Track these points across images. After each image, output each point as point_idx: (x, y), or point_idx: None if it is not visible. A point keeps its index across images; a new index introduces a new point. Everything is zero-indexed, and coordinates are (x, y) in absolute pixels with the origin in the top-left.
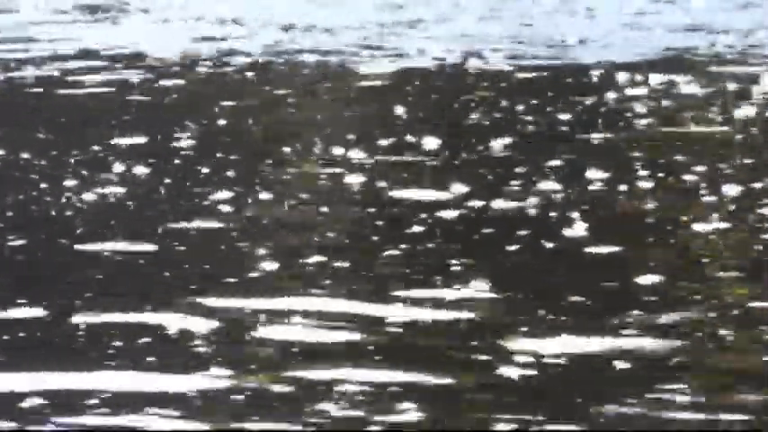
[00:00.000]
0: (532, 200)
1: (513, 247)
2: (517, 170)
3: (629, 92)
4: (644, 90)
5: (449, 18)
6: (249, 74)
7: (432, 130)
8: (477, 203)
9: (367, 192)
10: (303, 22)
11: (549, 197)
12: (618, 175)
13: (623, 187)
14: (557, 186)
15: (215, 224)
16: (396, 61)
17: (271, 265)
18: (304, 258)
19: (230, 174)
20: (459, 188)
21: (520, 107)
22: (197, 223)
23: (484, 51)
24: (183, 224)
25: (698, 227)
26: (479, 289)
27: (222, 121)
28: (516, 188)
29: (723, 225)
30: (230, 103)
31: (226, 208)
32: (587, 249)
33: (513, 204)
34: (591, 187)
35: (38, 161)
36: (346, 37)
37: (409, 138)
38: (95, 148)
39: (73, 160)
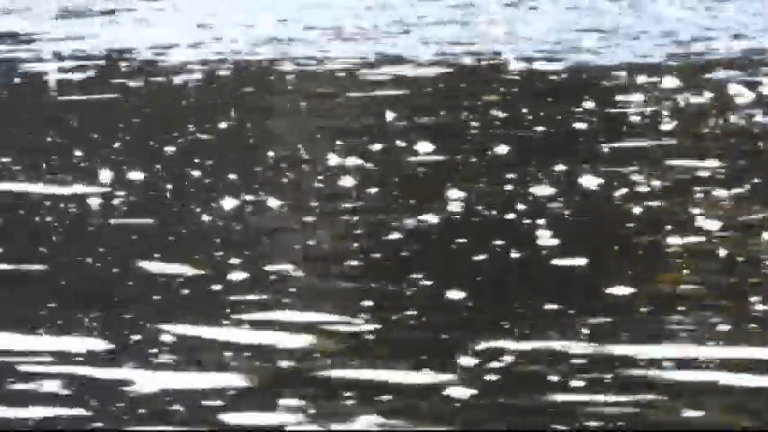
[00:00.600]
0: (521, 206)
1: (488, 254)
2: (510, 176)
3: (630, 96)
4: (643, 95)
5: (450, 20)
6: (247, 78)
7: (428, 135)
8: (465, 209)
9: (357, 196)
10: (304, 26)
11: (538, 204)
12: (610, 181)
13: (615, 194)
14: (547, 193)
15: (202, 227)
16: (396, 65)
17: (261, 267)
18: (284, 261)
19: (222, 178)
20: (447, 193)
21: (521, 111)
22: (188, 224)
23: (486, 55)
24: (175, 226)
25: (682, 239)
26: (449, 295)
27: (219, 126)
28: (507, 194)
29: (707, 238)
30: (228, 107)
31: (215, 212)
32: (566, 257)
33: (500, 210)
34: (583, 194)
35: (35, 163)
36: (345, 40)
37: (404, 143)
38: (86, 152)
39: (65, 163)
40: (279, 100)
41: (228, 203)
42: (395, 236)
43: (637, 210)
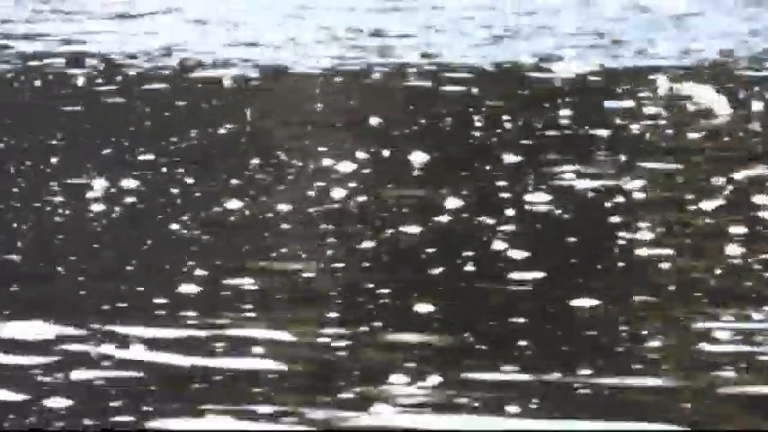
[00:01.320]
0: (511, 215)
1: (467, 267)
2: (503, 183)
3: (626, 102)
4: (635, 101)
5: (449, 26)
6: (246, 84)
7: (424, 142)
8: (455, 218)
9: (347, 203)
10: (308, 28)
11: (527, 213)
12: (605, 190)
13: (609, 204)
14: (540, 201)
15: (194, 232)
16: (399, 70)
17: (237, 272)
18: (253, 268)
19: (213, 183)
20: (434, 201)
21: (518, 116)
22: (182, 228)
23: (490, 59)
24: (168, 230)
25: (661, 251)
26: (417, 309)
27: (213, 131)
28: (499, 202)
29: (682, 250)
30: (224, 113)
31: (208, 216)
32: (539, 270)
33: (489, 219)
34: (579, 204)
35: (37, 165)
36: (347, 45)
37: (399, 151)
38: (79, 156)
39: (57, 168)
40: (272, 106)
41: (216, 208)
42: (377, 245)
43: (631, 220)
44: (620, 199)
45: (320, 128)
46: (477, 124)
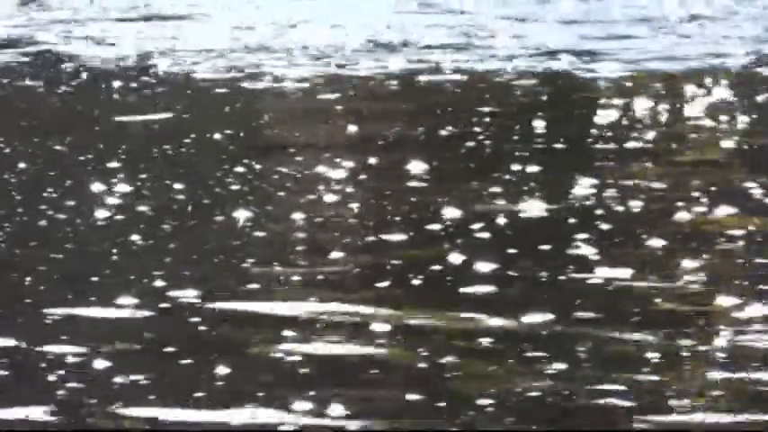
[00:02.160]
0: (503, 222)
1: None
2: (497, 189)
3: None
4: (621, 111)
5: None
6: (244, 87)
7: (423, 147)
8: (448, 226)
9: (340, 209)
10: (311, 29)
11: (517, 222)
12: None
13: (596, 209)
14: (531, 207)
15: (194, 235)
16: (401, 73)
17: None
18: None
19: (218, 187)
20: (430, 208)
21: (515, 123)
22: (174, 231)
23: (488, 62)
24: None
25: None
26: (373, 327)
27: (212, 135)
28: (492, 209)
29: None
30: (223, 115)
31: (209, 221)
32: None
33: (481, 228)
34: (574, 209)
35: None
36: (347, 47)
37: (397, 155)
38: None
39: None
40: (270, 110)
41: (210, 213)
42: (355, 252)
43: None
44: (619, 208)
45: (316, 133)
46: (473, 131)
